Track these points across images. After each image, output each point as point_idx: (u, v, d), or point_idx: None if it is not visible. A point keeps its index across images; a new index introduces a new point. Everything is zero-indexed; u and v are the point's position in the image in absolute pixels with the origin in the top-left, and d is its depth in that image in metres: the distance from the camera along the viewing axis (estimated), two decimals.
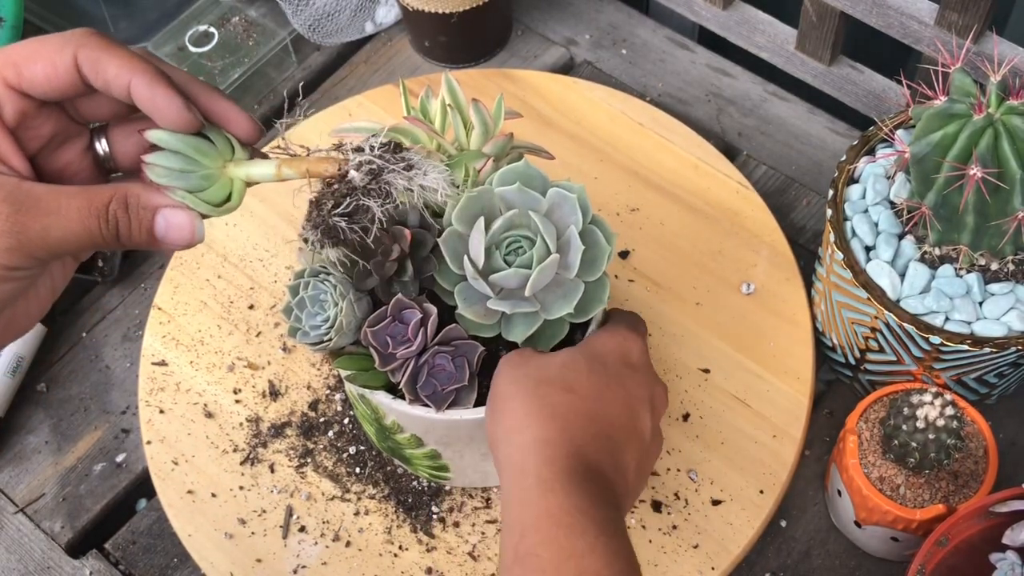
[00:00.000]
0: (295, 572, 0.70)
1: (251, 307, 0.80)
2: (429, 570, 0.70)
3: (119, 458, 0.77)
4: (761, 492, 0.71)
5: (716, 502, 0.71)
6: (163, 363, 0.78)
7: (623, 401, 0.59)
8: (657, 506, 0.71)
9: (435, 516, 0.72)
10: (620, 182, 0.84)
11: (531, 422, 0.56)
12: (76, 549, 0.74)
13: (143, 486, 0.76)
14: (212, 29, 0.92)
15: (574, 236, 0.59)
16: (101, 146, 0.51)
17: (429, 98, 0.66)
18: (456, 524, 0.71)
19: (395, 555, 0.71)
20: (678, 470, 0.72)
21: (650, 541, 0.70)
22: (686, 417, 0.74)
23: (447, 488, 0.72)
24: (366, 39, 0.96)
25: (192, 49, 0.91)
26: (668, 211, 0.82)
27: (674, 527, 0.70)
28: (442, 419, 0.61)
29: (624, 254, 0.81)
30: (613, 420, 0.58)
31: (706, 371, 0.76)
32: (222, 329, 0.79)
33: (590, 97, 0.88)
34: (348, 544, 0.71)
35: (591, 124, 0.87)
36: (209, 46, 0.91)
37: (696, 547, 0.70)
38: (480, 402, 0.62)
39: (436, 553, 0.70)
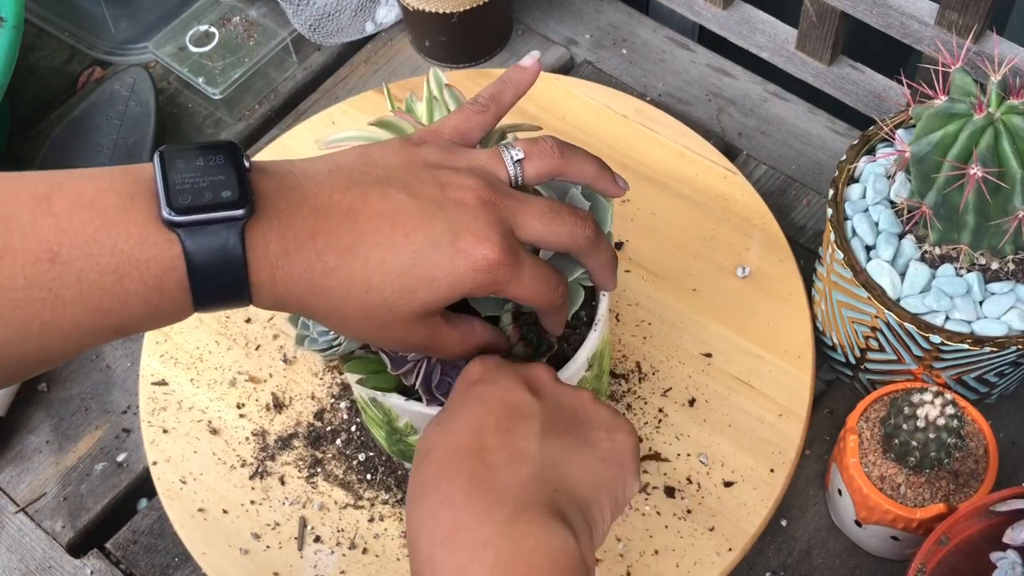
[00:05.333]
0: None
1: (248, 320, 0.80)
2: None
3: (120, 457, 0.77)
4: (772, 471, 0.72)
5: (728, 484, 0.71)
6: (163, 383, 0.77)
7: (467, 424, 0.54)
8: (670, 492, 0.71)
9: None
10: None
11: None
12: (77, 548, 0.75)
13: (144, 485, 0.76)
14: (213, 29, 0.92)
15: (576, 196, 0.60)
16: None
17: (413, 100, 0.66)
18: None
19: None
20: (688, 455, 0.73)
21: (666, 527, 0.70)
22: (692, 402, 0.74)
23: None
24: (366, 39, 0.96)
25: (192, 49, 0.91)
26: (658, 201, 0.83)
27: (688, 511, 0.71)
28: None
29: (618, 245, 0.81)
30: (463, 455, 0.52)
31: (708, 356, 0.76)
32: (220, 344, 0.79)
33: (574, 93, 0.88)
34: (365, 551, 0.71)
35: (576, 119, 0.87)
36: (210, 46, 0.91)
37: (712, 529, 0.70)
38: None
39: None
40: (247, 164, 0.50)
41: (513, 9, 0.95)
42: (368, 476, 0.73)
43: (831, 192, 0.70)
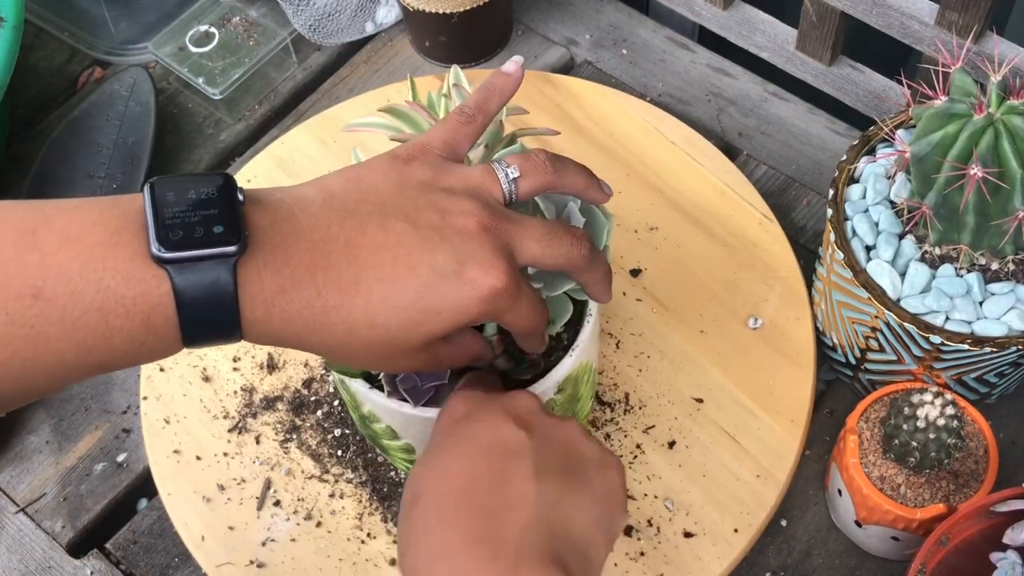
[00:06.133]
0: (263, 544, 0.71)
1: None
2: (393, 561, 0.70)
3: (120, 458, 0.77)
4: (735, 531, 0.70)
5: (688, 534, 0.70)
6: None
7: (458, 467, 0.53)
8: (628, 531, 0.70)
9: None
10: (643, 199, 0.83)
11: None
12: (77, 549, 0.75)
13: (144, 486, 0.76)
14: (213, 29, 0.92)
15: (574, 212, 0.60)
16: None
17: (440, 96, 0.65)
18: None
19: (362, 541, 0.71)
20: (655, 497, 0.71)
21: (615, 564, 0.69)
22: (672, 444, 0.73)
23: None
24: (366, 39, 0.96)
25: (192, 49, 0.91)
26: (687, 234, 0.81)
27: (642, 554, 0.70)
28: (417, 415, 0.61)
29: (636, 272, 0.80)
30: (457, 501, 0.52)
31: (699, 400, 0.75)
32: None
33: (627, 110, 0.87)
34: (319, 524, 0.72)
35: (623, 137, 0.86)
36: (210, 46, 0.91)
37: None
38: None
39: None
40: (241, 197, 0.49)
41: (513, 9, 0.95)
42: (339, 452, 0.74)
43: (831, 192, 0.70)
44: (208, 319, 0.48)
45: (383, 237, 0.50)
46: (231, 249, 0.47)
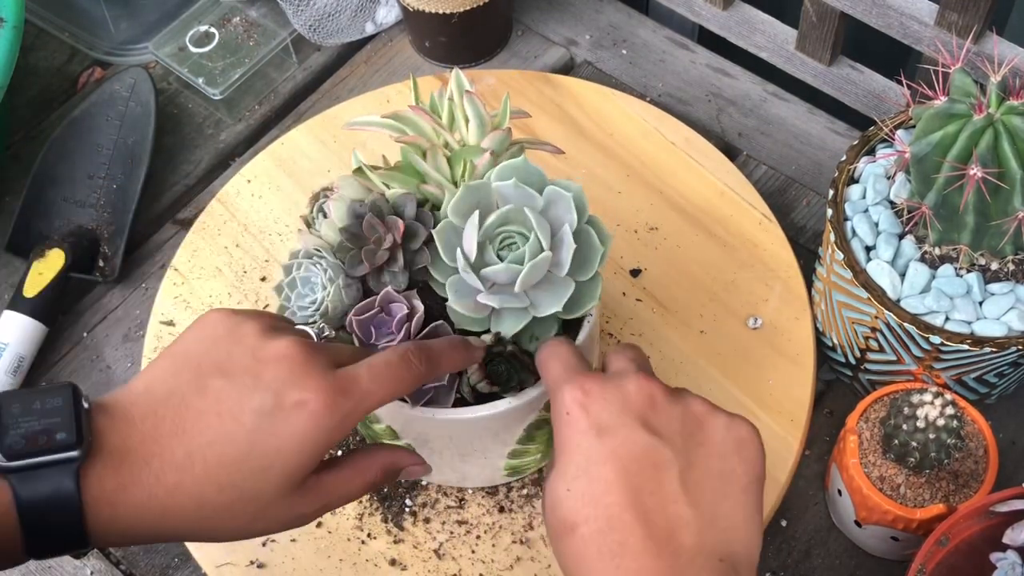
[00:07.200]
0: (264, 544, 0.71)
1: (263, 279, 0.81)
2: (393, 561, 0.70)
3: None
4: None
5: None
6: (171, 323, 0.79)
7: (609, 490, 0.51)
8: None
9: (408, 509, 0.72)
10: (643, 199, 0.83)
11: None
12: None
13: None
14: (213, 29, 0.92)
15: (567, 234, 0.59)
16: None
17: (442, 97, 0.65)
18: (427, 520, 0.72)
19: (363, 542, 0.71)
20: None
21: None
22: None
23: (424, 483, 0.73)
24: (366, 39, 0.96)
25: (192, 49, 0.91)
26: (687, 234, 0.81)
27: None
28: (417, 415, 0.61)
29: (636, 272, 0.80)
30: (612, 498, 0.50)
31: None
32: (232, 297, 0.80)
33: (626, 111, 0.87)
34: (319, 524, 0.72)
35: (623, 137, 0.86)
36: (210, 46, 0.91)
37: None
38: (456, 404, 0.62)
39: (403, 546, 0.71)
40: (86, 404, 0.49)
41: (513, 9, 0.95)
42: (339, 453, 0.73)
43: (831, 192, 0.70)
44: (52, 525, 0.47)
45: (203, 401, 0.50)
46: (73, 454, 0.47)
